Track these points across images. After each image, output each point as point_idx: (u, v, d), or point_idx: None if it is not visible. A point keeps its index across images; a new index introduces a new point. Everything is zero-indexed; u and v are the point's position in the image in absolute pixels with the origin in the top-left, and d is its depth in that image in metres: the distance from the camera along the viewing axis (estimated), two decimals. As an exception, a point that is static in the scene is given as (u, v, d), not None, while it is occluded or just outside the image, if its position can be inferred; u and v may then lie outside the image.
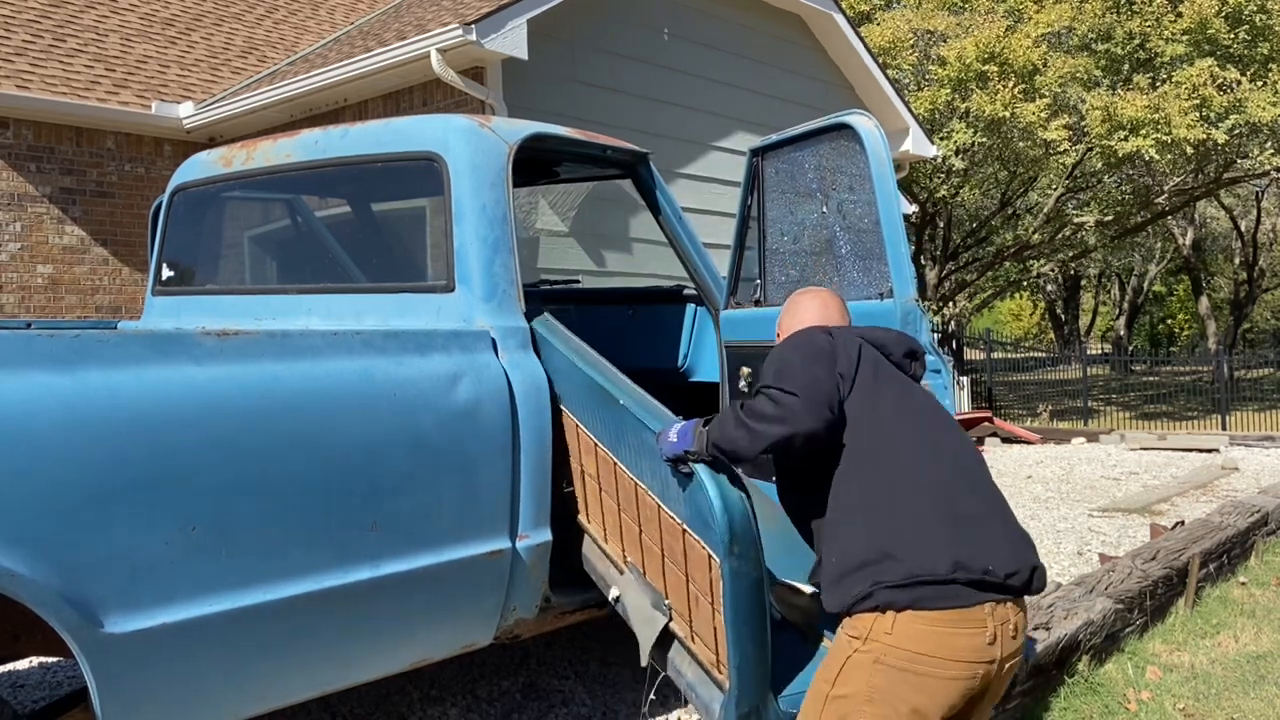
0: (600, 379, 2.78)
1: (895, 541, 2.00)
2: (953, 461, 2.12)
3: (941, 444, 2.15)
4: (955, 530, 2.00)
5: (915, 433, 2.14)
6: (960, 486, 2.08)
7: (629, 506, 2.77)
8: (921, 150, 10.53)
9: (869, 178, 3.02)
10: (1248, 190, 25.91)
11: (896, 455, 2.09)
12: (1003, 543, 2.04)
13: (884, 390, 2.17)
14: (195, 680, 2.28)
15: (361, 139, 3.33)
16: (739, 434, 2.15)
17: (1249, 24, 14.34)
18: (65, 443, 2.06)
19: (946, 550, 1.97)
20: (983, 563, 1.98)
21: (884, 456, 2.10)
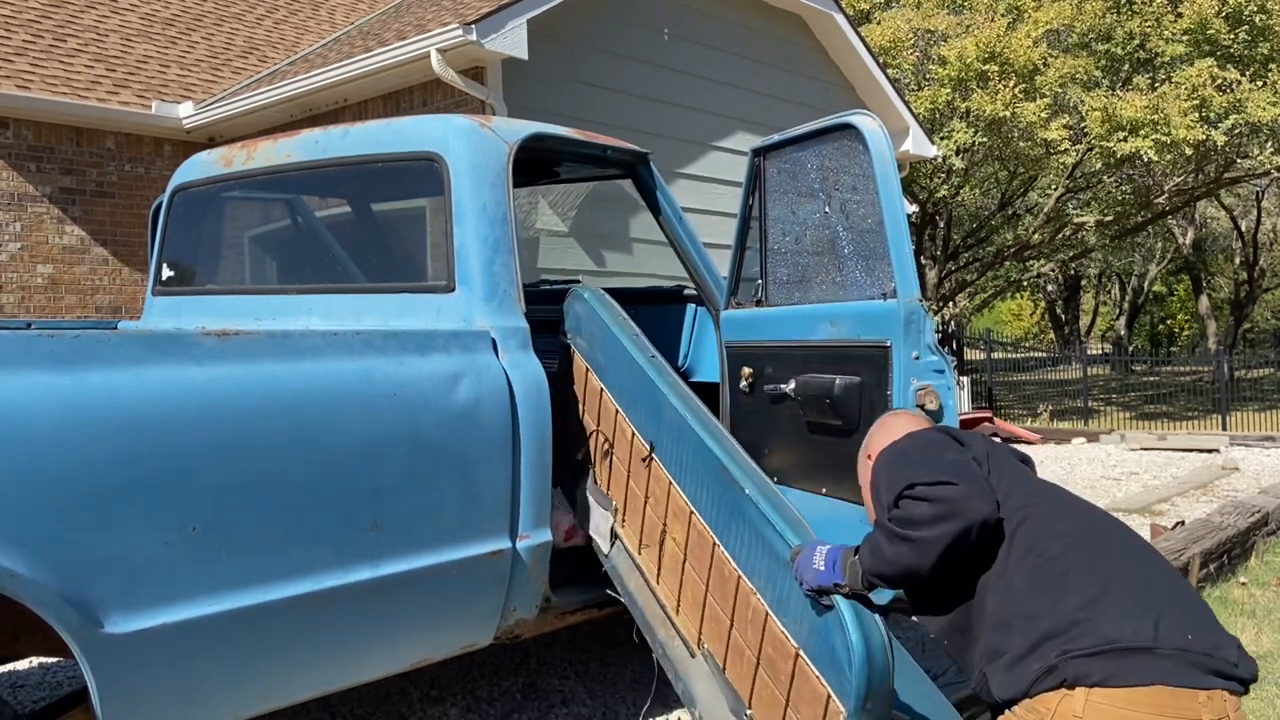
0: (720, 453, 2.62)
1: (1086, 607, 1.68)
2: (1114, 530, 1.86)
3: (1091, 513, 1.90)
4: (1150, 596, 1.71)
5: (1064, 506, 1.88)
6: (1135, 555, 1.81)
7: (721, 595, 2.57)
8: (922, 150, 10.53)
9: (873, 178, 3.02)
10: (1248, 190, 25.90)
11: (1060, 530, 1.80)
12: (1202, 616, 1.74)
13: (1005, 470, 1.93)
14: (195, 680, 2.28)
15: (362, 139, 3.33)
16: (902, 550, 1.83)
17: (1249, 24, 14.33)
18: (65, 443, 2.06)
19: (1146, 614, 1.66)
20: (1186, 634, 1.68)
21: (1047, 534, 1.80)
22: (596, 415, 3.22)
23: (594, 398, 3.21)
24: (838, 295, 3.24)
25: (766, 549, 2.39)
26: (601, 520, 3.15)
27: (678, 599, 2.80)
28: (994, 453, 1.98)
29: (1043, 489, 1.93)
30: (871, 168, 3.02)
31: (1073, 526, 1.83)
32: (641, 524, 2.98)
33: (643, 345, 3.01)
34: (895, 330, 2.98)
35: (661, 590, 2.88)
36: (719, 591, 2.58)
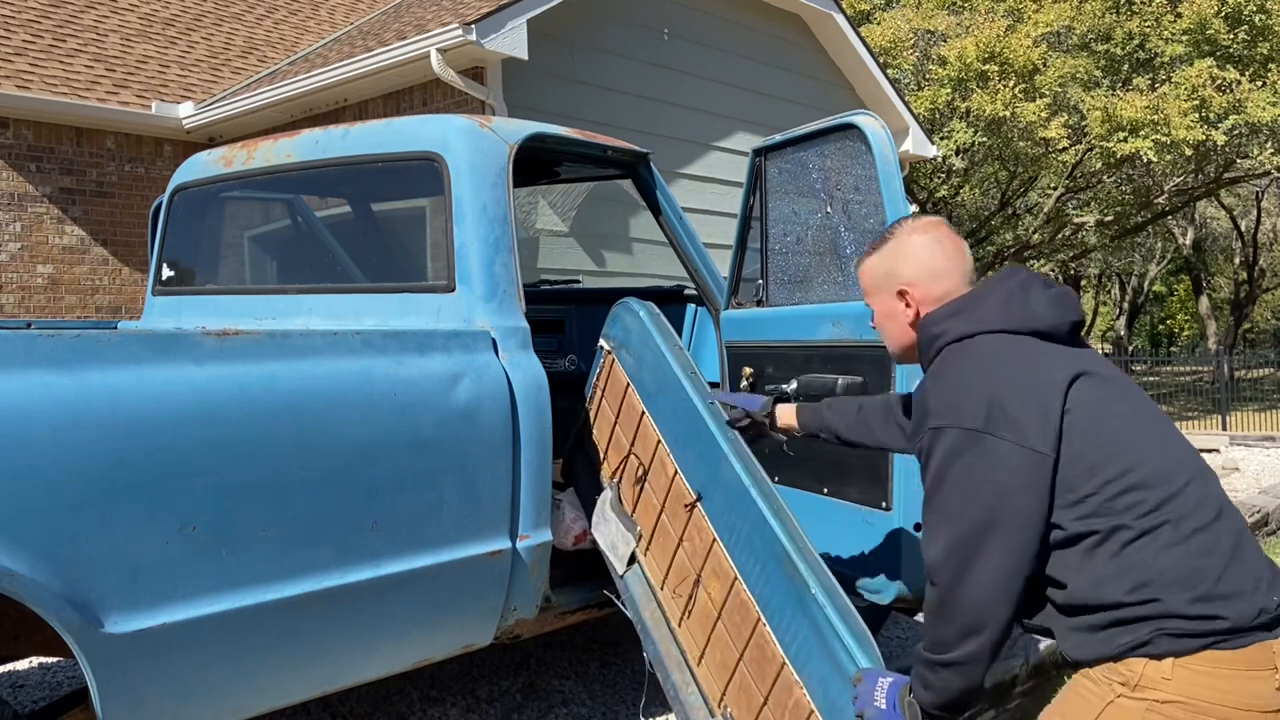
0: (785, 539, 2.47)
1: (1177, 582, 1.58)
2: (1196, 473, 1.68)
3: (1179, 453, 1.70)
4: (1236, 559, 1.61)
5: (1153, 449, 1.67)
6: (1212, 504, 1.65)
7: (759, 672, 2.48)
8: (921, 150, 10.53)
9: (875, 178, 3.02)
10: (1248, 190, 25.91)
11: (1149, 489, 1.62)
12: (1268, 569, 1.65)
13: (1093, 408, 1.67)
14: (195, 680, 2.28)
15: (362, 139, 3.33)
16: (948, 677, 1.70)
17: (1248, 24, 14.33)
18: (65, 442, 2.06)
19: (1238, 583, 1.59)
20: (1267, 592, 1.60)
21: (1134, 497, 1.61)
22: (632, 434, 3.07)
23: (632, 416, 3.07)
24: (840, 295, 3.24)
25: (825, 654, 2.28)
26: (621, 542, 3.06)
27: (701, 653, 2.71)
28: (1079, 390, 1.68)
29: (1129, 434, 1.67)
30: (874, 168, 3.02)
31: (1162, 493, 1.62)
32: (670, 564, 2.87)
33: (700, 386, 2.85)
34: (896, 330, 2.97)
35: (684, 636, 2.79)
36: (756, 668, 2.49)
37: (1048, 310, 1.75)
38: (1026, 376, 1.67)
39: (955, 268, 1.87)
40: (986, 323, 1.76)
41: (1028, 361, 1.70)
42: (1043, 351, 1.72)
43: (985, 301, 1.78)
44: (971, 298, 1.81)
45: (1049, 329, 1.75)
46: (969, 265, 1.89)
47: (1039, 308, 1.75)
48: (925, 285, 1.86)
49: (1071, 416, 1.64)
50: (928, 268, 1.87)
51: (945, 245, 1.88)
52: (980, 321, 1.76)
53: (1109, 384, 1.71)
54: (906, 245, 1.89)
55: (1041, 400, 1.64)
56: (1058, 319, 1.75)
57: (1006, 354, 1.71)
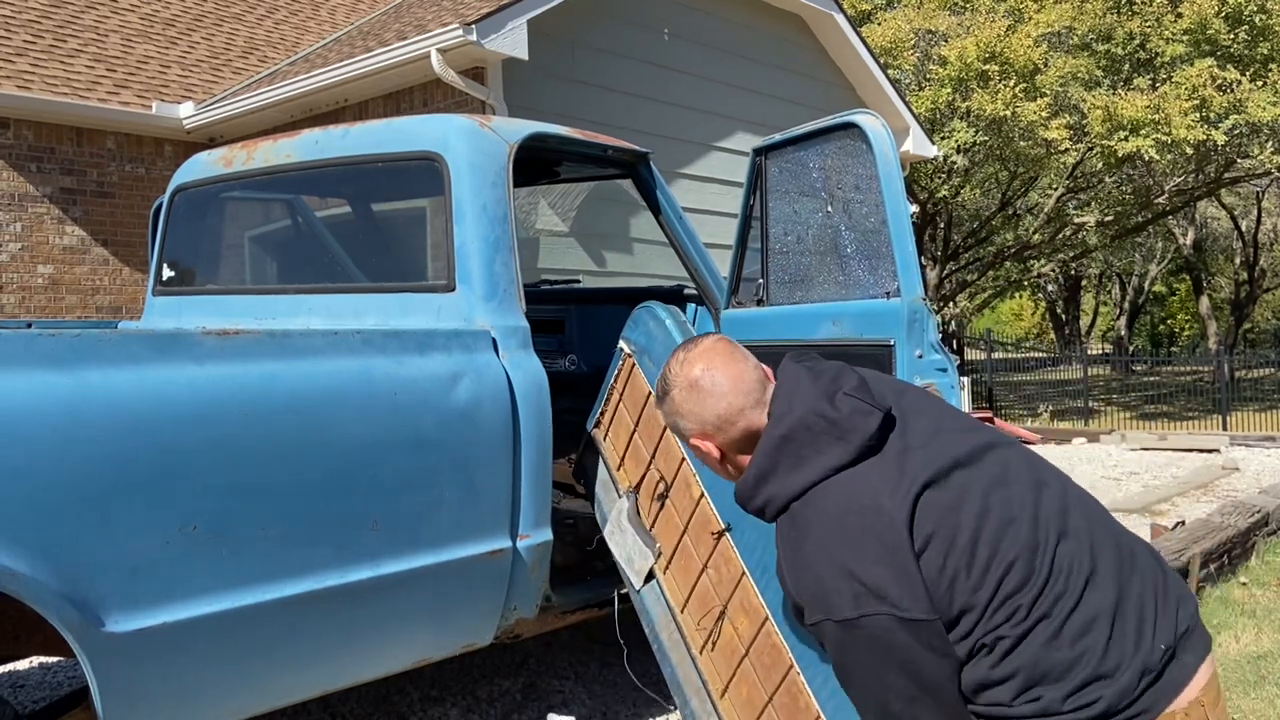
0: None
1: (1058, 678, 1.51)
2: (1063, 523, 1.58)
3: (1039, 506, 1.58)
4: (1118, 620, 1.53)
5: (1014, 527, 1.54)
6: (1083, 562, 1.55)
7: (789, 718, 2.38)
8: (922, 150, 10.53)
9: (876, 177, 3.02)
10: (1248, 190, 25.89)
11: (1021, 592, 1.51)
12: (1155, 605, 1.57)
13: (944, 531, 1.53)
14: (196, 680, 2.28)
15: (362, 139, 3.33)
16: None
17: (1249, 24, 14.33)
18: (66, 442, 2.06)
19: (1119, 652, 1.52)
20: (1157, 643, 1.54)
21: (1009, 608, 1.51)
22: (653, 447, 2.95)
23: (653, 428, 2.94)
24: (840, 294, 3.24)
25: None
26: (638, 556, 2.94)
27: (726, 686, 2.60)
28: (944, 486, 1.56)
29: (992, 524, 1.55)
30: (875, 167, 3.02)
31: (1034, 589, 1.52)
32: (692, 588, 2.74)
33: None
34: (898, 329, 2.98)
35: (706, 665, 2.66)
36: (788, 714, 2.38)
37: (860, 424, 1.57)
38: (871, 534, 1.52)
39: (734, 407, 1.66)
40: (798, 482, 1.58)
41: (862, 511, 1.54)
42: (872, 483, 1.55)
43: (780, 460, 1.59)
44: (768, 454, 1.61)
45: (853, 457, 1.57)
46: (749, 383, 1.68)
47: (827, 441, 1.57)
48: (712, 435, 1.70)
49: (928, 555, 1.52)
50: (702, 421, 1.69)
51: (703, 389, 1.68)
52: (791, 483, 1.59)
53: (948, 477, 1.56)
54: (675, 402, 1.72)
55: (895, 558, 1.50)
56: (854, 442, 1.57)
57: (839, 514, 1.55)
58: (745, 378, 1.68)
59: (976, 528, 1.54)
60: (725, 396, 1.67)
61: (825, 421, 1.59)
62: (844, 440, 1.58)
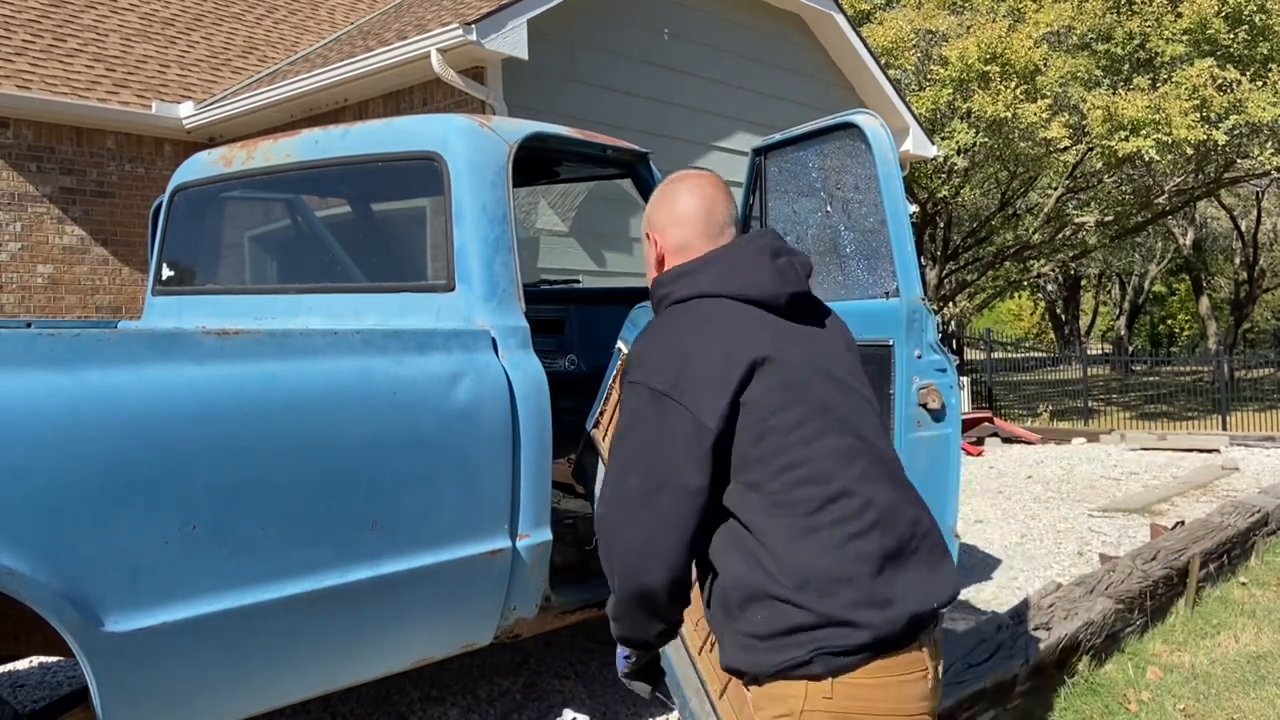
0: None
1: (835, 584, 1.59)
2: (878, 475, 1.69)
3: (861, 453, 1.69)
4: (898, 566, 1.63)
5: (830, 445, 1.65)
6: (880, 507, 1.65)
7: None
8: (922, 150, 10.53)
9: (875, 177, 3.02)
10: (1248, 190, 25.90)
11: (819, 485, 1.63)
12: (928, 577, 1.68)
13: (775, 396, 1.65)
14: (196, 679, 2.28)
15: (362, 139, 3.33)
16: (617, 626, 1.85)
17: (1249, 24, 14.33)
18: (66, 442, 2.06)
19: (892, 590, 1.61)
20: (930, 600, 1.65)
21: (805, 493, 1.62)
22: None
23: None
24: (839, 294, 3.24)
25: None
26: None
27: (724, 687, 2.56)
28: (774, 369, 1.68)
29: (812, 438, 1.66)
30: (874, 167, 3.02)
31: (832, 489, 1.63)
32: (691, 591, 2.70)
33: None
34: (897, 329, 2.98)
35: (704, 666, 2.61)
36: None
37: (769, 280, 1.74)
38: (721, 348, 1.67)
39: (699, 219, 1.84)
40: (707, 287, 1.75)
41: (730, 332, 1.70)
42: (752, 325, 1.71)
43: (712, 266, 1.77)
44: (702, 260, 1.79)
45: (766, 299, 1.73)
46: (720, 219, 1.84)
47: (760, 275, 1.74)
48: (668, 232, 1.86)
49: (750, 395, 1.64)
50: (671, 215, 1.87)
51: (694, 195, 1.86)
52: (701, 286, 1.76)
53: (797, 369, 1.69)
54: (664, 191, 1.91)
55: (725, 375, 1.64)
56: (774, 290, 1.74)
57: (713, 322, 1.71)
58: (717, 209, 1.84)
59: (807, 412, 1.67)
60: (691, 208, 1.85)
61: (763, 264, 1.76)
62: (760, 284, 1.74)
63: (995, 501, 7.75)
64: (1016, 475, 9.13)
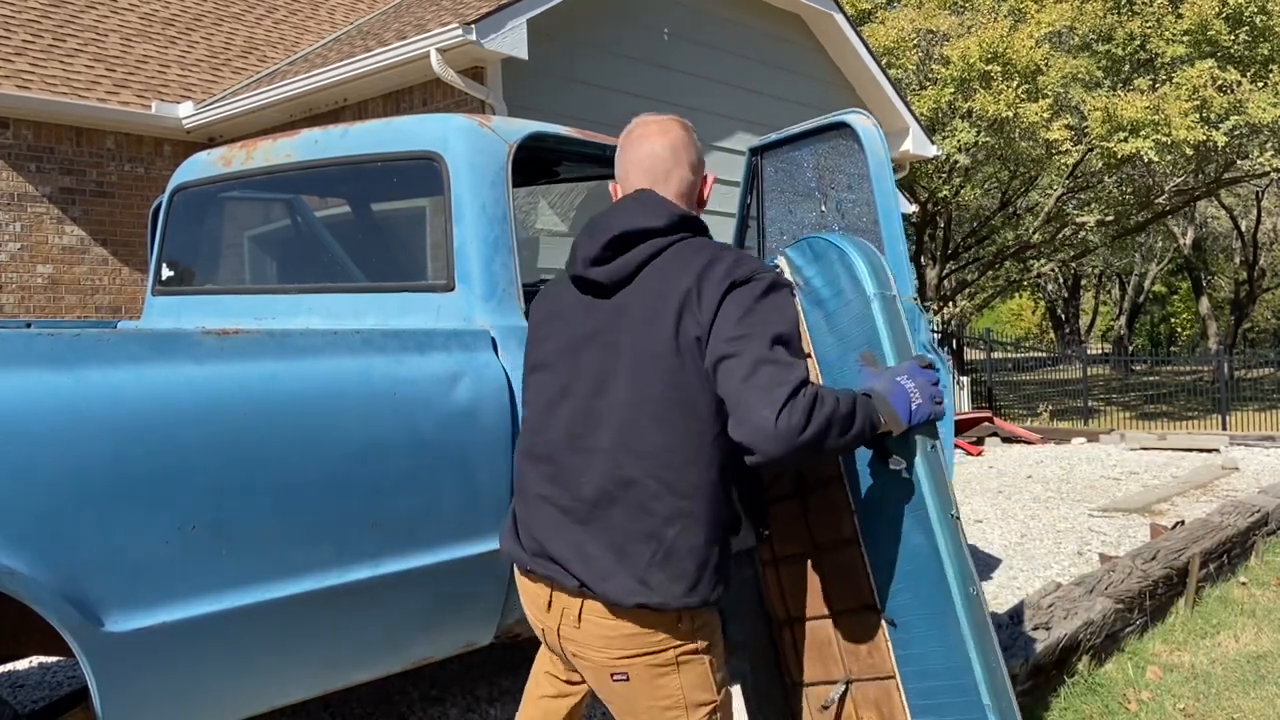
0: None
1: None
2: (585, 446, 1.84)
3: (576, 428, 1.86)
4: (541, 507, 1.91)
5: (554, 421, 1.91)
6: (564, 464, 1.87)
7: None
8: (921, 150, 10.53)
9: (868, 176, 3.02)
10: (1248, 190, 25.90)
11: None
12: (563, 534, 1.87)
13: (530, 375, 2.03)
14: (196, 679, 2.28)
15: (361, 138, 3.33)
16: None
17: (1249, 25, 14.34)
18: (65, 441, 2.06)
19: (534, 525, 1.94)
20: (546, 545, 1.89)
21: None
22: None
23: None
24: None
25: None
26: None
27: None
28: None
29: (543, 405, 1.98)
30: (867, 166, 3.03)
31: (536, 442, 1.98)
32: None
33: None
34: (894, 329, 2.97)
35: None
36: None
37: (578, 255, 1.87)
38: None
39: (622, 172, 1.96)
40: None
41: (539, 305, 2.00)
42: (559, 305, 1.94)
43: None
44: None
45: (576, 276, 1.89)
46: (638, 168, 1.91)
47: (577, 250, 1.87)
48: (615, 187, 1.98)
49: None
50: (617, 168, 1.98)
51: (631, 139, 1.96)
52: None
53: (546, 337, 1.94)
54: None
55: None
56: (576, 268, 1.88)
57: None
58: (642, 158, 1.93)
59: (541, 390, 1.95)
60: (622, 158, 1.94)
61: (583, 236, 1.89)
62: (571, 261, 1.91)
63: (995, 501, 7.75)
64: (1016, 475, 9.14)
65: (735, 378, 1.65)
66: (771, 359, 1.65)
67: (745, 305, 1.70)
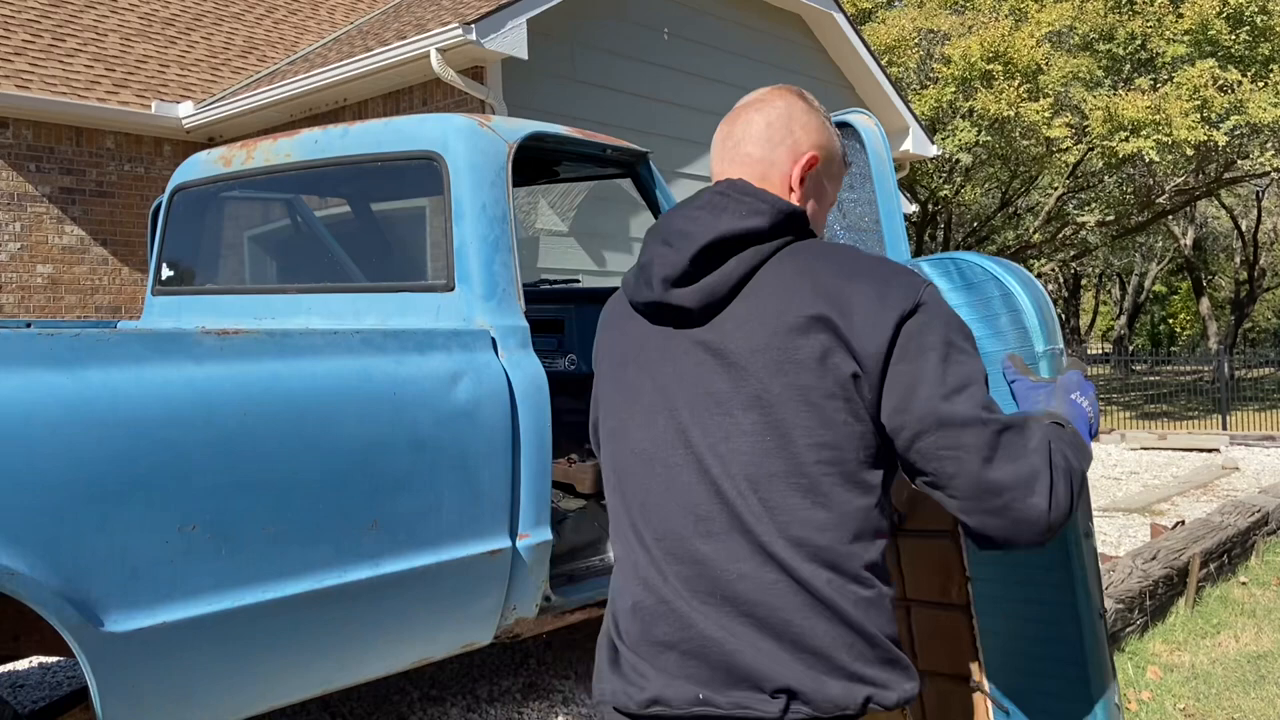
0: None
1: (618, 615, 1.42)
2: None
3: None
4: (662, 616, 1.35)
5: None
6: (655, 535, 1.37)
7: None
8: (922, 149, 10.53)
9: (869, 177, 3.02)
10: (1248, 190, 25.90)
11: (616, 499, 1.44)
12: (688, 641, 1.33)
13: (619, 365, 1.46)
14: (195, 679, 2.28)
15: (361, 138, 3.33)
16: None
17: (1250, 25, 14.33)
18: (65, 441, 2.06)
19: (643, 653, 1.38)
20: (675, 683, 1.33)
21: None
22: None
23: None
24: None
25: None
26: None
27: None
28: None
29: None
30: (868, 166, 3.02)
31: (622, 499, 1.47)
32: None
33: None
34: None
35: None
36: None
37: (653, 272, 1.39)
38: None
39: (711, 161, 1.51)
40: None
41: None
42: (628, 342, 1.44)
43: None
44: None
45: (631, 303, 1.44)
46: (728, 154, 1.47)
47: (650, 266, 1.39)
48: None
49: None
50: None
51: (716, 135, 1.52)
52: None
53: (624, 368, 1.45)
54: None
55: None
56: (630, 295, 1.43)
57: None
58: (734, 143, 1.48)
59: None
60: (717, 147, 1.50)
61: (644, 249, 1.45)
62: (625, 284, 1.47)
63: (995, 501, 7.74)
64: (1017, 475, 9.13)
65: (972, 457, 1.28)
66: (999, 421, 1.30)
67: (936, 346, 1.29)
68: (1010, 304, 1.79)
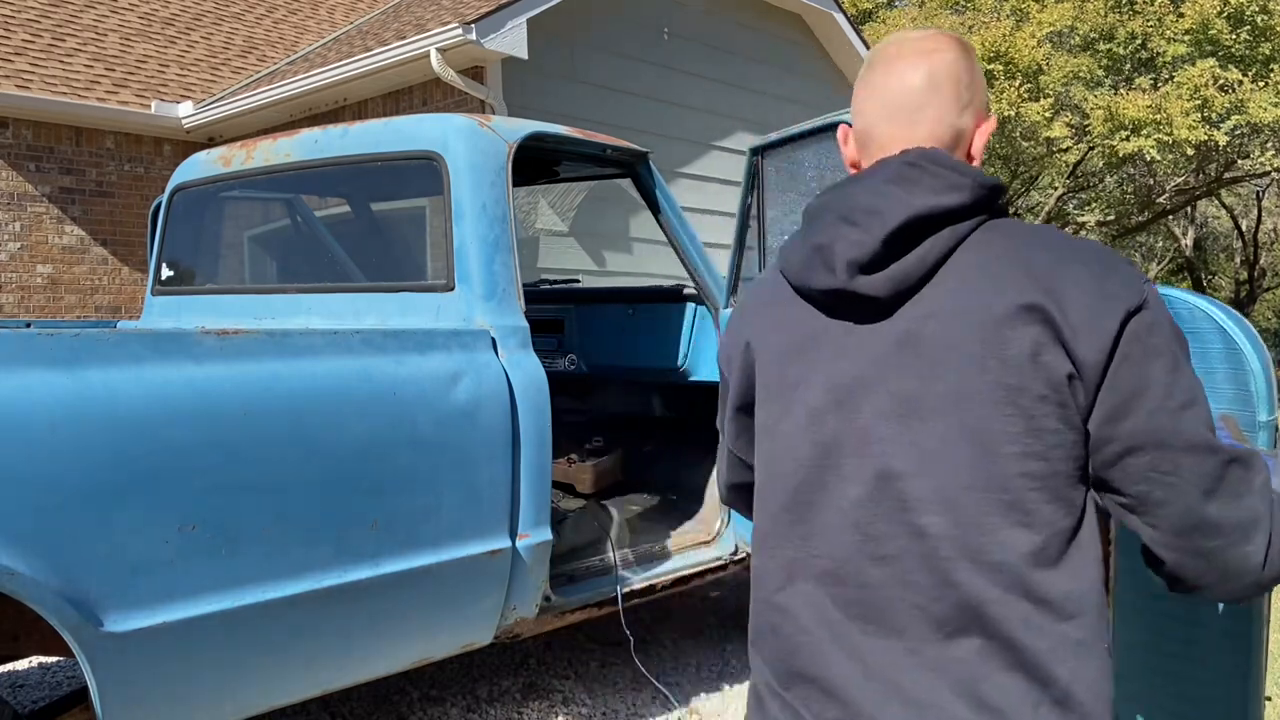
0: None
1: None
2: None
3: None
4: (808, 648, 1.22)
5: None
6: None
7: None
8: (922, 150, 10.53)
9: (869, 177, 3.02)
10: (1249, 189, 25.90)
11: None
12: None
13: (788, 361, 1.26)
14: (195, 679, 2.28)
15: (361, 138, 3.33)
16: None
17: (1250, 24, 14.33)
18: (65, 441, 2.06)
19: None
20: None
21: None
22: None
23: None
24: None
25: None
26: None
27: None
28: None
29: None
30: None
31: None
32: None
33: None
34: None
35: None
36: None
37: (834, 256, 1.19)
38: (736, 310, 1.38)
39: (865, 117, 1.28)
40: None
41: (752, 290, 1.36)
42: (766, 282, 1.32)
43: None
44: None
45: (798, 288, 1.25)
46: (884, 109, 1.25)
47: (828, 248, 1.19)
48: (848, 142, 1.33)
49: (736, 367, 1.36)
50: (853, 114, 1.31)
51: (865, 83, 1.29)
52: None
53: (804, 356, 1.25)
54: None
55: (724, 335, 1.40)
56: (798, 280, 1.24)
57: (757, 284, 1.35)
58: (892, 99, 1.25)
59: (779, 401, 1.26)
60: (866, 101, 1.28)
61: (801, 234, 1.27)
62: (787, 265, 1.28)
63: (995, 501, 7.74)
64: (1017, 475, 9.13)
65: (1190, 487, 1.09)
66: (1228, 452, 1.11)
67: (1164, 351, 1.11)
68: (1235, 361, 1.59)
